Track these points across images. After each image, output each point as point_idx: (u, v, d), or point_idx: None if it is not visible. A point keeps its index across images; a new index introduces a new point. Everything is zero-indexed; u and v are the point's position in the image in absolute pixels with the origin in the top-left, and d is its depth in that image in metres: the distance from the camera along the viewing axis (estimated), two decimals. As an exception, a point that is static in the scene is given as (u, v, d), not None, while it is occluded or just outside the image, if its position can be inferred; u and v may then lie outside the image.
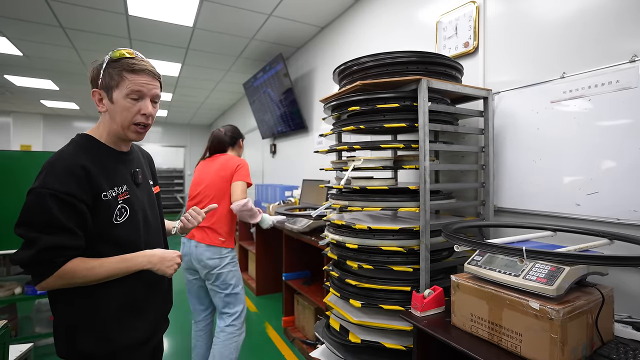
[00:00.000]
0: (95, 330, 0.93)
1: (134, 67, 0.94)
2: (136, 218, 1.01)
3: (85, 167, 0.90)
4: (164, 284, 1.13)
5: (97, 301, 0.94)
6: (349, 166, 1.56)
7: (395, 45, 2.49)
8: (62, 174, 0.88)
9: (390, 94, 1.43)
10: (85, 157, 0.93)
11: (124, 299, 0.98)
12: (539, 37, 1.54)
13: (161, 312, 1.13)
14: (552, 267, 0.95)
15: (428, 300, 1.26)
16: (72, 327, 0.93)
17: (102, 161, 0.97)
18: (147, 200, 1.10)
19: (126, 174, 1.03)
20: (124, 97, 0.95)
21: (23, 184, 2.44)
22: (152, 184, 1.18)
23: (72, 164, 0.90)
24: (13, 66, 4.74)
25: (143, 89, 0.96)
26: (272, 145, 4.94)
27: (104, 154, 0.99)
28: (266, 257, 3.78)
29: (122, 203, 0.97)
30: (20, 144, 8.27)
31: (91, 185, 0.90)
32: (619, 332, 1.05)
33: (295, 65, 4.20)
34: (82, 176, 0.89)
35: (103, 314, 0.94)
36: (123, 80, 0.94)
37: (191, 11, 3.15)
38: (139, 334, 1.01)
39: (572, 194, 1.38)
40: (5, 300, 2.43)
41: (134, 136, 1.00)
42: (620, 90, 1.24)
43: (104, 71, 0.95)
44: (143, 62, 0.98)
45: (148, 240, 1.07)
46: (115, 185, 0.97)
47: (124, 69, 0.94)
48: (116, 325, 0.96)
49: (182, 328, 2.95)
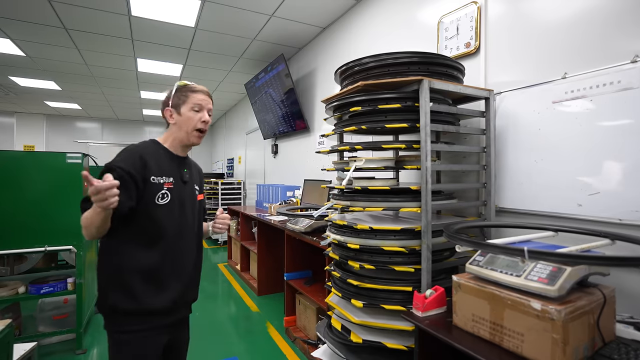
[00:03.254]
0: (123, 288, 1.15)
1: (194, 88, 1.31)
2: (174, 205, 1.24)
3: (143, 157, 1.19)
4: (187, 268, 1.29)
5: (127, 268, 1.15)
6: (350, 166, 1.57)
7: (396, 46, 2.49)
8: (124, 157, 1.17)
9: (391, 94, 1.44)
10: (145, 151, 1.22)
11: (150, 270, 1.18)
12: (541, 37, 1.54)
13: (182, 295, 1.27)
14: (553, 267, 0.95)
15: (429, 300, 1.26)
16: (107, 282, 1.17)
17: (159, 156, 1.25)
18: (188, 197, 1.32)
19: (176, 170, 1.29)
20: (189, 110, 1.28)
21: (26, 184, 2.48)
22: (199, 191, 1.42)
23: (133, 152, 1.20)
24: (17, 67, 4.77)
25: (202, 103, 1.30)
26: (274, 145, 4.95)
27: (162, 152, 1.28)
28: (268, 257, 3.78)
29: (165, 189, 1.22)
30: (24, 144, 8.32)
31: (145, 169, 1.18)
32: (621, 333, 1.05)
33: (297, 66, 4.20)
34: (138, 162, 1.17)
35: (131, 277, 1.15)
36: (188, 98, 1.28)
37: (193, 12, 3.16)
38: (159, 303, 1.19)
39: (573, 195, 1.38)
40: (9, 299, 2.45)
41: (196, 140, 1.31)
42: (622, 91, 1.24)
43: (174, 95, 1.29)
44: (201, 87, 1.34)
45: (182, 229, 1.27)
46: (164, 175, 1.23)
47: (189, 90, 1.29)
48: (141, 289, 1.16)
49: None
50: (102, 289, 1.18)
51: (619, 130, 1.25)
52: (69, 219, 2.51)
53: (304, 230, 2.50)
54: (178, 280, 1.25)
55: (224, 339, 2.80)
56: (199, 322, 3.12)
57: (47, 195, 2.49)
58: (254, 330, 2.95)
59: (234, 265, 4.81)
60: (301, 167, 4.09)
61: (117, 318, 1.16)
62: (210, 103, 1.34)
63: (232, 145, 7.89)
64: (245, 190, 6.70)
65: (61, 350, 2.61)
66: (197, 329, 2.98)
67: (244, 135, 6.69)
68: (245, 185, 6.70)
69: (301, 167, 4.09)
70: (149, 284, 1.17)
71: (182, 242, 1.28)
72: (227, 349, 2.63)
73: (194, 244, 1.34)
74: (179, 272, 1.25)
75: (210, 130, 10.46)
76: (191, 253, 1.32)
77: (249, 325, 3.06)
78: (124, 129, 9.47)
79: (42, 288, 2.52)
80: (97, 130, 9.22)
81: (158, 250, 1.20)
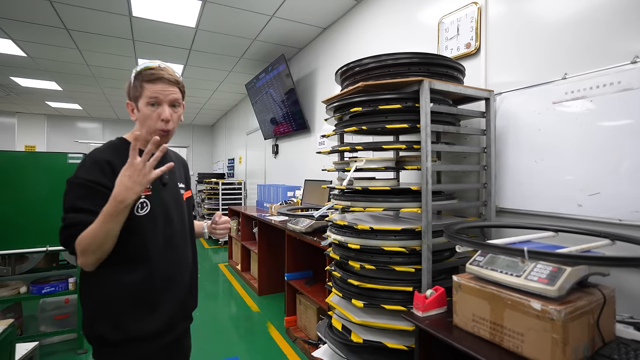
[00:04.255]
0: (109, 318, 1.01)
1: (151, 77, 1.04)
2: (157, 214, 1.07)
3: (110, 162, 1.00)
4: (183, 279, 1.15)
5: (112, 293, 1.01)
6: (351, 167, 1.57)
7: (397, 46, 2.50)
8: (89, 166, 1.00)
9: (392, 95, 1.44)
10: (113, 155, 1.03)
11: (138, 292, 1.03)
12: (541, 38, 1.54)
13: (180, 309, 1.14)
14: (553, 267, 0.96)
15: (430, 301, 1.26)
16: (91, 313, 1.03)
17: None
18: (172, 200, 1.15)
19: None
20: (145, 105, 1.05)
21: (27, 184, 2.49)
22: (185, 188, 1.24)
23: (98, 159, 1.01)
24: (18, 67, 4.78)
25: (159, 95, 1.04)
26: (275, 145, 4.95)
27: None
28: (268, 257, 3.79)
29: (143, 198, 1.04)
30: (25, 145, 8.33)
31: (115, 176, 0.96)
32: (621, 333, 1.05)
33: (298, 66, 4.21)
34: (107, 168, 0.99)
35: (117, 304, 1.01)
36: (143, 90, 1.04)
37: (194, 12, 3.17)
38: (153, 327, 1.05)
39: (573, 195, 1.39)
40: (10, 299, 2.46)
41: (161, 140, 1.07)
42: (622, 91, 1.24)
43: (132, 85, 1.07)
44: (161, 71, 1.06)
45: (171, 238, 1.11)
46: None
47: (144, 80, 1.04)
48: (130, 316, 1.01)
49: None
50: (87, 318, 1.03)
51: (619, 131, 1.25)
52: (70, 219, 2.52)
53: (304, 231, 2.50)
54: (173, 296, 1.10)
55: (224, 339, 2.81)
56: (199, 322, 3.13)
57: (48, 196, 2.50)
58: (255, 330, 2.96)
59: (235, 265, 4.81)
60: (302, 168, 4.09)
61: (106, 349, 1.02)
62: (175, 92, 1.07)
63: (232, 146, 7.89)
64: (246, 190, 6.70)
65: (62, 350, 2.62)
66: (197, 329, 2.99)
67: (245, 135, 6.70)
68: (246, 186, 6.70)
69: (302, 168, 4.09)
70: (139, 308, 1.03)
71: (174, 253, 1.12)
72: (228, 348, 2.64)
73: (188, 251, 1.19)
74: (173, 287, 1.11)
75: (211, 131, 10.47)
76: (185, 262, 1.17)
77: (250, 325, 3.07)
78: (124, 129, 9.47)
79: (43, 288, 2.53)
80: (98, 130, 9.24)
81: (145, 268, 1.04)
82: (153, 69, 1.05)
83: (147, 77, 1.04)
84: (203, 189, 7.83)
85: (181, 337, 1.21)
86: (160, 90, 1.04)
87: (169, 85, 1.06)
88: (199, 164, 10.25)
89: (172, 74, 1.08)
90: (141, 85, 1.04)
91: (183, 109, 1.15)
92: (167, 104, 1.06)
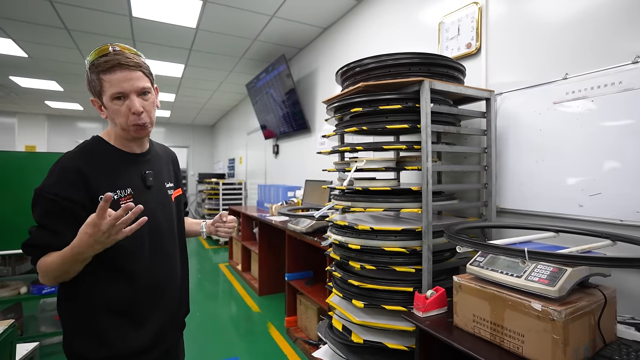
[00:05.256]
0: (91, 335, 0.92)
1: (106, 65, 0.87)
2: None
3: (80, 170, 0.89)
4: (173, 290, 1.07)
5: (93, 308, 0.92)
6: (351, 167, 1.57)
7: (397, 46, 2.49)
8: (56, 176, 0.89)
9: (392, 95, 1.44)
10: (85, 160, 0.91)
11: (122, 306, 0.95)
12: (542, 37, 1.54)
13: (169, 321, 1.06)
14: (554, 268, 0.95)
15: (430, 301, 1.26)
16: (70, 329, 0.94)
17: (105, 163, 0.94)
18: (158, 203, 1.04)
19: (134, 176, 0.99)
20: (110, 101, 0.90)
21: (27, 184, 2.48)
22: (174, 187, 1.13)
23: (67, 167, 0.90)
24: (18, 67, 4.79)
25: (122, 87, 0.88)
26: (275, 145, 4.95)
27: (109, 156, 0.97)
28: (269, 258, 3.79)
29: (123, 206, 0.87)
30: (25, 145, 8.33)
31: (87, 187, 0.88)
32: (622, 334, 1.05)
33: (298, 66, 4.21)
34: (77, 179, 0.88)
35: (99, 319, 0.92)
36: (103, 84, 0.89)
37: (194, 12, 3.17)
38: (138, 343, 0.96)
39: (574, 195, 1.38)
40: (11, 299, 2.46)
41: (137, 134, 0.96)
42: (624, 91, 1.24)
43: (89, 79, 0.91)
44: (117, 55, 0.88)
45: (158, 246, 1.02)
46: (117, 188, 0.94)
47: (100, 71, 0.88)
48: (113, 333, 0.93)
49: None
50: (67, 334, 0.94)
51: (621, 131, 1.25)
52: (70, 219, 2.51)
53: (305, 231, 2.50)
54: (161, 309, 1.02)
55: (225, 339, 2.81)
56: (200, 322, 3.13)
57: (48, 196, 2.50)
58: (255, 331, 2.96)
59: (235, 266, 4.81)
60: (302, 168, 4.09)
61: None
62: (139, 78, 0.90)
63: (233, 146, 7.89)
64: (246, 190, 6.70)
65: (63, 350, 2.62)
66: (197, 329, 2.99)
67: (245, 135, 6.70)
68: (247, 186, 6.70)
69: (302, 168, 4.09)
70: (124, 323, 0.94)
71: (162, 261, 1.03)
72: (228, 349, 2.64)
73: (176, 256, 1.10)
74: (161, 299, 1.02)
75: (212, 131, 10.47)
76: (174, 268, 1.08)
77: (250, 326, 3.07)
78: (125, 129, 9.48)
79: (43, 288, 2.53)
80: (99, 130, 9.11)
81: (129, 280, 0.94)
82: (106, 55, 0.88)
83: (102, 66, 0.87)
84: (203, 189, 7.83)
85: (171, 348, 1.12)
86: (122, 79, 0.88)
87: (130, 71, 0.89)
88: (199, 164, 10.26)
89: (130, 57, 0.91)
90: (99, 78, 0.88)
91: (157, 92, 1.00)
92: (134, 94, 0.90)
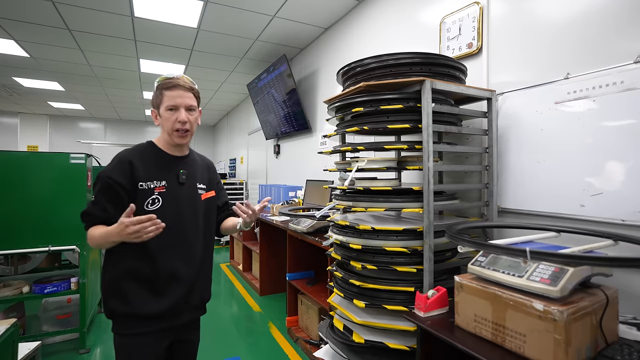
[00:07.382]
0: (117, 294, 1.18)
1: (169, 84, 1.22)
2: (168, 210, 1.20)
3: (131, 162, 1.18)
4: (190, 273, 1.25)
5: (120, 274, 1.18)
6: (352, 167, 1.57)
7: (398, 46, 2.49)
8: (113, 165, 1.19)
9: (393, 95, 1.44)
10: (136, 156, 1.21)
11: (143, 279, 1.18)
12: (543, 37, 1.54)
13: (184, 301, 1.24)
14: (556, 268, 0.95)
15: (432, 301, 1.26)
16: (105, 288, 1.21)
17: (150, 160, 1.23)
18: (187, 198, 1.28)
19: (171, 172, 1.25)
20: (165, 110, 1.22)
21: (29, 184, 2.50)
22: (206, 189, 1.37)
23: (122, 159, 1.19)
24: (21, 68, 4.80)
25: (177, 101, 1.21)
26: (276, 145, 4.95)
27: (155, 155, 1.26)
28: (270, 258, 3.79)
29: (157, 194, 1.19)
30: (27, 145, 8.36)
31: (133, 175, 1.17)
32: (624, 334, 1.04)
33: (299, 66, 4.21)
34: (127, 168, 1.17)
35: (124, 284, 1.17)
36: (163, 97, 1.22)
37: (196, 13, 3.17)
38: (154, 310, 1.18)
39: (576, 195, 1.38)
40: (13, 298, 2.47)
41: (178, 140, 1.24)
42: (625, 91, 1.23)
43: (154, 94, 1.24)
44: (177, 80, 1.23)
45: (180, 234, 1.23)
46: (153, 179, 1.20)
47: (163, 88, 1.22)
48: (134, 296, 1.17)
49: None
50: (104, 294, 1.21)
51: (622, 131, 1.25)
52: (72, 219, 2.52)
53: (306, 231, 2.50)
54: (177, 286, 1.22)
55: (226, 339, 2.81)
56: (201, 321, 3.13)
57: (50, 196, 2.51)
58: (256, 330, 2.96)
59: (236, 265, 4.82)
60: (303, 168, 4.09)
61: (117, 321, 1.20)
62: (190, 98, 1.24)
63: (234, 146, 7.90)
64: (248, 190, 6.71)
65: (65, 349, 2.63)
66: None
67: (246, 135, 6.70)
68: (248, 186, 6.71)
69: (303, 168, 4.09)
70: (143, 291, 1.18)
71: (182, 247, 1.24)
72: (230, 348, 2.64)
73: (199, 247, 1.29)
74: (178, 279, 1.22)
75: (212, 131, 10.48)
76: (195, 257, 1.27)
77: (251, 325, 3.07)
78: (126, 129, 9.50)
79: (45, 288, 2.54)
80: (100, 130, 9.26)
81: (151, 259, 1.17)
82: (171, 79, 1.23)
83: (166, 85, 1.21)
84: (205, 189, 7.82)
85: (188, 327, 1.33)
86: (177, 96, 1.20)
87: (185, 91, 1.22)
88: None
89: (187, 82, 1.25)
90: (161, 93, 1.21)
91: (200, 114, 1.31)
92: (183, 108, 1.22)
